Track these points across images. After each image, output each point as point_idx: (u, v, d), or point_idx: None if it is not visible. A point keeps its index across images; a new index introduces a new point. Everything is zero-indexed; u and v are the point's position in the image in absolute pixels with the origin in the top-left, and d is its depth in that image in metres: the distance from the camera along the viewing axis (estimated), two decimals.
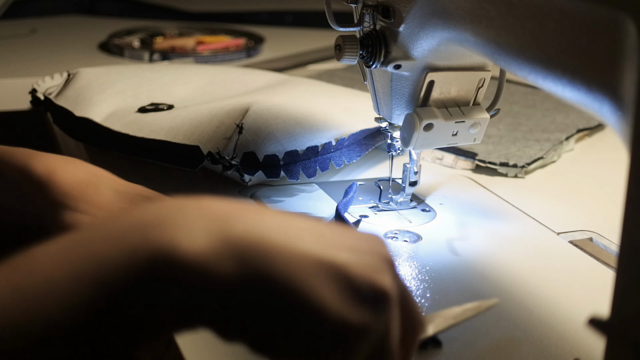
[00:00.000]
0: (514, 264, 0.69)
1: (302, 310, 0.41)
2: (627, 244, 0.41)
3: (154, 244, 0.40)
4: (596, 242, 0.75)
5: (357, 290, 0.42)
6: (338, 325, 0.41)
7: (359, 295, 0.42)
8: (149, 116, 0.88)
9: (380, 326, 0.42)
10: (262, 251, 0.41)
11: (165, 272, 0.39)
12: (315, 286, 0.41)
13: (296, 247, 0.41)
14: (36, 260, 0.40)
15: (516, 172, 0.89)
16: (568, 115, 1.07)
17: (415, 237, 0.73)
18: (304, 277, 0.41)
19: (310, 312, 0.41)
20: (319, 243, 0.42)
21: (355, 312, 0.41)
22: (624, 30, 0.42)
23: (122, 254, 0.39)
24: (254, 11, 1.65)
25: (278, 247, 0.41)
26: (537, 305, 0.62)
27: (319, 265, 0.41)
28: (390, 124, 0.73)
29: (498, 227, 0.76)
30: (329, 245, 0.42)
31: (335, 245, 0.43)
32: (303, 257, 0.41)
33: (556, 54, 0.49)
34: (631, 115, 0.41)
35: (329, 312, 0.41)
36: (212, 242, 0.40)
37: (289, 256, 0.41)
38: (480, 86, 0.70)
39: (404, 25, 0.66)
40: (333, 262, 0.42)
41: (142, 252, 0.39)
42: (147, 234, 0.40)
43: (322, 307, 0.41)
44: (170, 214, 0.41)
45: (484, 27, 0.57)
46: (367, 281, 0.42)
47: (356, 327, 0.41)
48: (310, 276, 0.41)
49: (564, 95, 0.50)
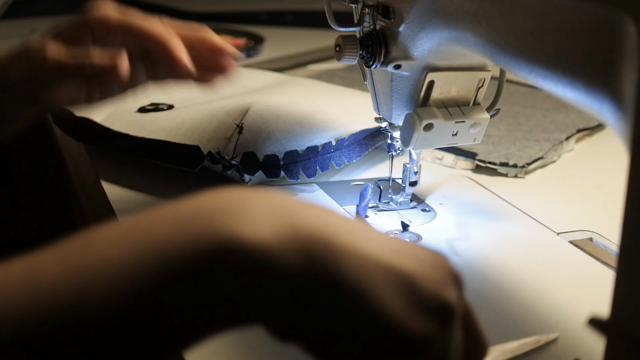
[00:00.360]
0: (514, 264, 0.69)
1: (367, 313, 0.39)
2: (627, 244, 0.41)
3: (219, 231, 0.38)
4: (596, 242, 0.75)
5: (423, 301, 0.40)
6: (402, 333, 0.40)
7: (425, 306, 0.40)
8: (149, 116, 0.88)
9: (443, 340, 0.41)
10: (330, 248, 0.39)
11: (229, 259, 0.38)
12: (382, 290, 0.39)
13: (365, 249, 0.40)
14: (95, 241, 0.39)
15: (516, 172, 0.89)
16: (568, 115, 1.07)
17: (415, 237, 0.73)
18: (371, 280, 0.39)
19: (376, 316, 0.39)
20: (386, 249, 0.41)
21: (420, 322, 0.40)
22: (624, 30, 0.42)
23: (186, 240, 0.38)
24: (254, 11, 1.65)
25: (347, 246, 0.40)
26: (537, 305, 0.62)
27: (386, 270, 0.40)
28: (390, 124, 0.73)
29: (498, 227, 0.76)
30: (397, 252, 0.41)
31: (403, 253, 0.42)
32: (371, 260, 0.40)
33: (556, 54, 0.49)
34: (631, 115, 0.41)
35: (394, 318, 0.39)
36: (279, 233, 0.39)
37: (358, 257, 0.40)
38: (480, 86, 0.70)
39: (404, 25, 0.66)
40: (400, 269, 0.41)
41: (207, 238, 0.38)
42: (212, 221, 0.39)
43: (387, 313, 0.39)
44: (237, 202, 0.40)
45: (484, 27, 0.57)
46: (434, 292, 0.41)
47: (420, 337, 0.40)
48: (377, 280, 0.40)
49: (564, 95, 0.50)
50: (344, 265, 0.39)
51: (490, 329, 0.58)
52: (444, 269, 0.43)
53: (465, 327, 0.43)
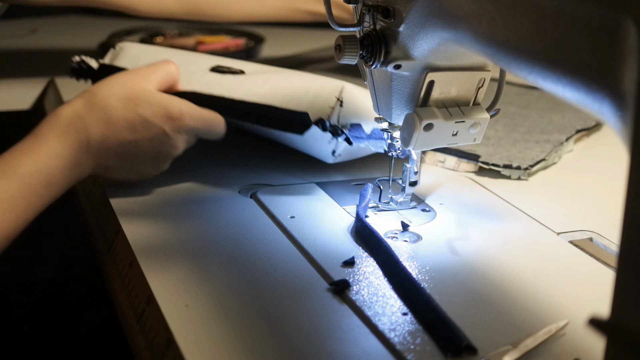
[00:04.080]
0: (514, 264, 0.69)
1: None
2: (627, 244, 0.41)
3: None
4: (596, 242, 0.75)
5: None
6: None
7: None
8: (228, 79, 0.88)
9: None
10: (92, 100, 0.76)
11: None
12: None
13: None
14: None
15: (519, 174, 0.89)
16: (564, 116, 1.07)
17: (415, 237, 0.73)
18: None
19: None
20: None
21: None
22: (624, 30, 0.42)
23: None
24: None
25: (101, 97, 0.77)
26: (537, 305, 0.62)
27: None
28: (390, 124, 0.73)
29: (498, 227, 0.76)
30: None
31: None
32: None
33: (556, 54, 0.49)
34: (631, 116, 0.41)
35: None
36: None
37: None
38: (480, 86, 0.70)
39: (404, 25, 0.66)
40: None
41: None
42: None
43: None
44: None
45: (484, 27, 0.57)
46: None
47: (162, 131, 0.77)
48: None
49: (564, 95, 0.50)
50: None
51: (490, 329, 0.58)
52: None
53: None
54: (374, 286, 0.63)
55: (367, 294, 0.62)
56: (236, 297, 0.61)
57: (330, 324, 0.58)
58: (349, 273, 0.65)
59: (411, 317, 0.59)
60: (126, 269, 0.69)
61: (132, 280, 0.67)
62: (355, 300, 0.61)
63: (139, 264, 0.66)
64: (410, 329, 0.58)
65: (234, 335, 0.56)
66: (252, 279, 0.64)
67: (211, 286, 0.63)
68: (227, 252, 0.69)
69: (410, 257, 0.69)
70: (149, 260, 0.67)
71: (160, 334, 0.58)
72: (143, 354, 0.61)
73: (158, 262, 0.67)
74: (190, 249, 0.69)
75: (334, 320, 0.59)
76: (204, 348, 0.55)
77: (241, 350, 0.55)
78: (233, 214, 0.77)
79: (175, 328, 0.57)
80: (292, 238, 0.72)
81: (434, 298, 0.61)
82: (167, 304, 0.60)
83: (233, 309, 0.60)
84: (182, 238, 0.71)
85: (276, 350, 0.55)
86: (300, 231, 0.73)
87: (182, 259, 0.67)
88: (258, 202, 0.79)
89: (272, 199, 0.80)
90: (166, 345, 0.57)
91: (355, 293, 0.62)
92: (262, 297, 0.62)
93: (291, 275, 0.65)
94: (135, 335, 0.63)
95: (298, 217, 0.76)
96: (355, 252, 0.69)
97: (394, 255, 0.67)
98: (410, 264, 0.68)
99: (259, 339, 0.56)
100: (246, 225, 0.74)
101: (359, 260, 0.67)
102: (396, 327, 0.58)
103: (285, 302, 0.61)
